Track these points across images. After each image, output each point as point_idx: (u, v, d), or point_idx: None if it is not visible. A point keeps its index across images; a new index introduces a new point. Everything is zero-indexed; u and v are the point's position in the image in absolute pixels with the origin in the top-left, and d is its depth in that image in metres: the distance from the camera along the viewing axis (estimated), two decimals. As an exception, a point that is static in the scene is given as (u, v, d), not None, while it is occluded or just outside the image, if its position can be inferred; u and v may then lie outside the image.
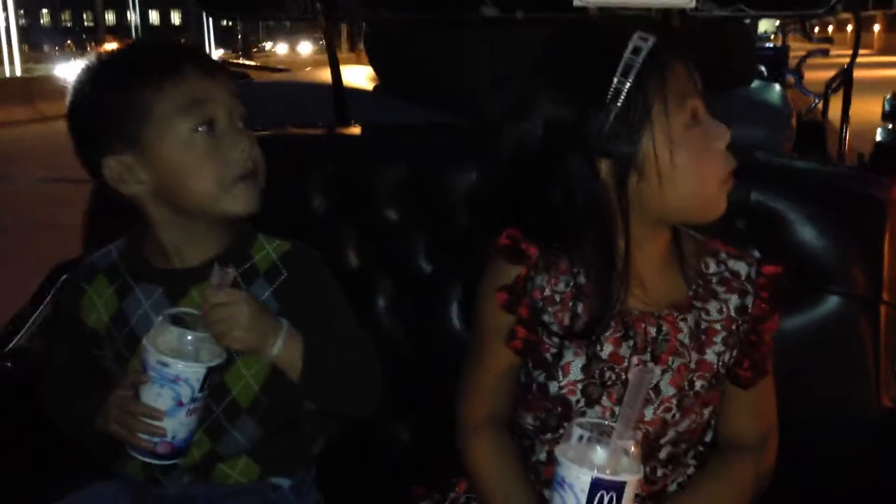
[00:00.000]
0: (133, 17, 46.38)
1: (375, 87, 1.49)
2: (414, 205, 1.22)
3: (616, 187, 0.88)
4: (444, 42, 1.35)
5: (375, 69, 1.47)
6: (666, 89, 0.86)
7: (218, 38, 31.74)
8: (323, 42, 1.32)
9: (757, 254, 1.03)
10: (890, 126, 1.70)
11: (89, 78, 0.99)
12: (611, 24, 1.04)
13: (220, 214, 0.97)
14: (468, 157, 1.21)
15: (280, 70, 2.06)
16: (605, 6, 1.12)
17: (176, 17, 60.73)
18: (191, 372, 0.89)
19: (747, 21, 1.56)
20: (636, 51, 0.86)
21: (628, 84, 0.85)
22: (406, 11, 1.29)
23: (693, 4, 1.10)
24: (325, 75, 1.41)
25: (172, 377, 0.89)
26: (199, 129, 0.95)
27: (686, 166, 0.87)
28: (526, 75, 0.93)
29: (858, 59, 1.49)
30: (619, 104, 0.85)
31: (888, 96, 1.77)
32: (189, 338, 0.91)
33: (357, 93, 1.45)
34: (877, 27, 29.71)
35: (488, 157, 1.06)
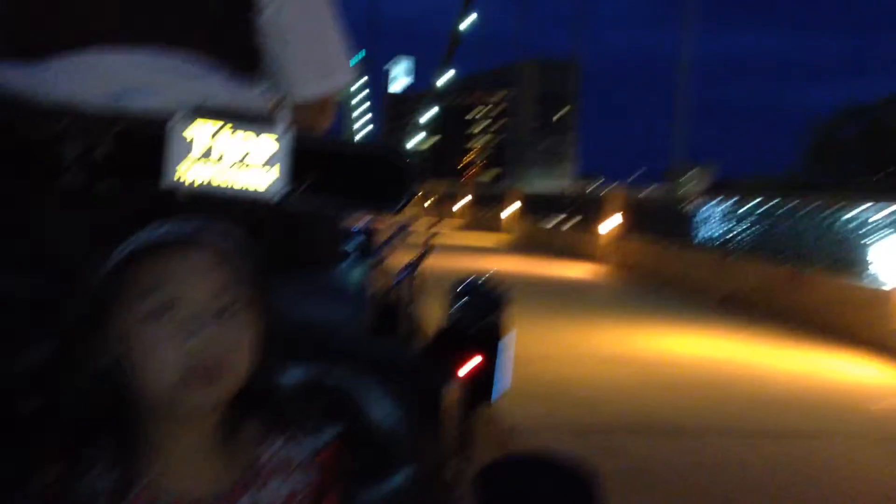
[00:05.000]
0: None
1: None
2: None
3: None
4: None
5: None
6: (132, 278, 1.02)
7: None
8: None
9: (327, 434, 1.16)
10: (451, 310, 2.05)
11: None
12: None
13: None
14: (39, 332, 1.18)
15: None
16: (194, 193, 1.24)
17: None
18: None
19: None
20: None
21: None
22: None
23: (277, 198, 1.27)
24: None
25: None
26: None
27: (143, 358, 1.02)
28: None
29: (448, 232, 1.77)
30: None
31: (450, 285, 2.15)
32: None
33: None
34: (462, 200, 33.89)
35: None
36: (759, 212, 12.36)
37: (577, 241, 19.51)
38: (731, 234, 13.02)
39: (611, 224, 17.02)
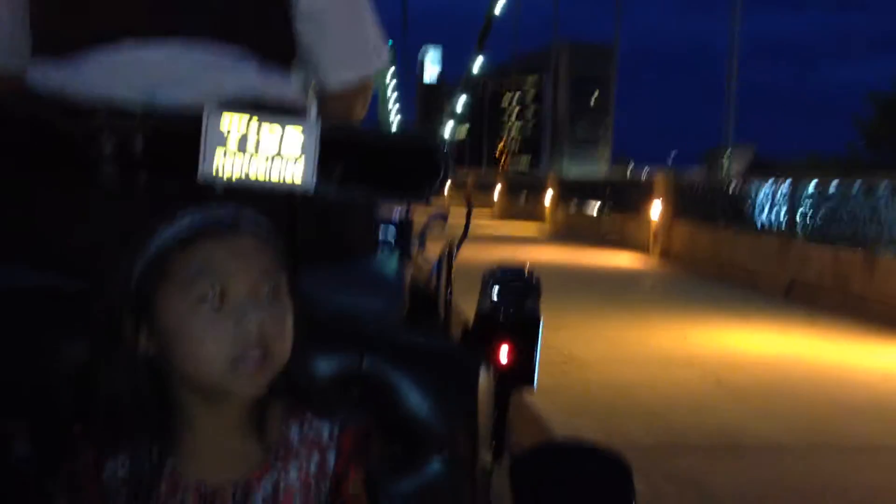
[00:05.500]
0: None
1: None
2: (13, 381, 1.24)
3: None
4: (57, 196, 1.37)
5: None
6: (177, 266, 1.06)
7: None
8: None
9: (349, 419, 1.17)
10: (487, 297, 2.12)
11: None
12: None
13: None
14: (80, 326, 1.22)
15: None
16: (230, 186, 1.30)
17: None
18: None
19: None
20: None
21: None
22: (12, 172, 1.35)
23: (312, 189, 1.32)
24: None
25: None
26: None
27: (191, 346, 1.05)
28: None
29: (484, 222, 1.81)
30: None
31: (486, 273, 2.21)
32: None
33: None
34: (498, 187, 33.82)
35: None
36: (822, 192, 11.38)
37: (622, 228, 18.96)
38: (792, 217, 12.11)
39: (658, 209, 16.33)
